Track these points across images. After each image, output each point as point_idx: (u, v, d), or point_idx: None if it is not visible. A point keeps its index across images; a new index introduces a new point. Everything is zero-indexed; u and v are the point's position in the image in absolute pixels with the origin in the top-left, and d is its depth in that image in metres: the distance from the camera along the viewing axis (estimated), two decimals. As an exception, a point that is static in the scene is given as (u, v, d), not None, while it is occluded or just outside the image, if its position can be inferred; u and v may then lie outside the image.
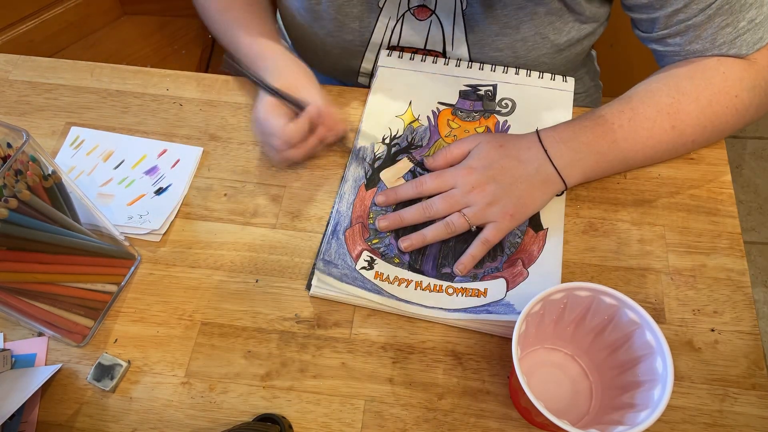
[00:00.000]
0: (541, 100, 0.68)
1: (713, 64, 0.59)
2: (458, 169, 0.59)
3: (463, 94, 0.68)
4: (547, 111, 0.67)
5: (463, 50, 0.70)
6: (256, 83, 0.61)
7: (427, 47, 0.71)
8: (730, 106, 0.59)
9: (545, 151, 0.58)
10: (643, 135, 0.59)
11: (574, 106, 0.68)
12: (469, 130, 0.66)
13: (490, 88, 0.69)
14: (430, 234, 0.58)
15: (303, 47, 0.79)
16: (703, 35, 0.58)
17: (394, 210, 0.61)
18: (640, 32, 0.64)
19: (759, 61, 0.59)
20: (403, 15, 0.68)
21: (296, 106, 0.60)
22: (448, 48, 0.70)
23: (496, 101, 0.68)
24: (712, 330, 0.55)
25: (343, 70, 0.78)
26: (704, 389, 0.52)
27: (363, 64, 0.75)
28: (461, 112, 0.67)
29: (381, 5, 0.68)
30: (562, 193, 0.61)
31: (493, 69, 0.70)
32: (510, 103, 0.68)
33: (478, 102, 0.68)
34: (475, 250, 0.57)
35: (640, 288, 0.57)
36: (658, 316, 0.55)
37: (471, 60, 0.71)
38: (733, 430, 0.50)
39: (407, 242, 0.58)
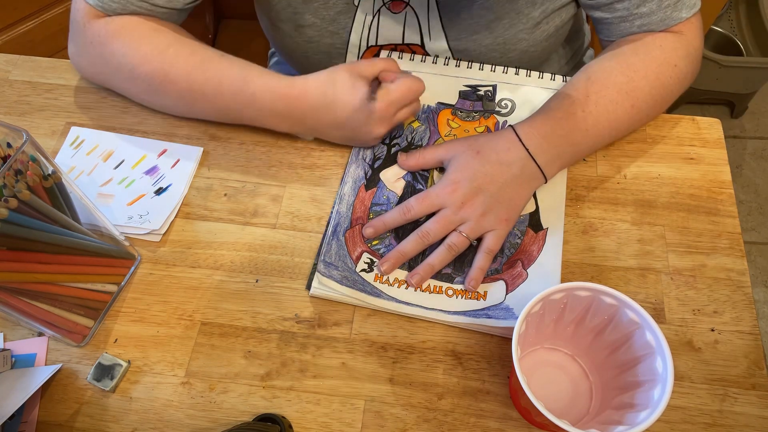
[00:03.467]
0: (541, 100, 0.68)
1: (650, 39, 0.63)
2: (442, 188, 0.58)
3: (462, 95, 0.68)
4: None
5: (441, 41, 0.70)
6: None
7: (405, 41, 0.71)
8: (673, 76, 0.62)
9: (527, 149, 0.58)
10: (609, 118, 0.61)
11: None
12: (469, 129, 0.66)
13: (490, 88, 0.69)
14: (437, 261, 0.56)
15: (287, 56, 0.78)
16: None
17: (392, 235, 0.60)
18: (586, 1, 0.66)
19: (685, 32, 0.64)
20: (379, 10, 0.68)
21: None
22: (426, 39, 0.70)
23: (496, 101, 0.68)
24: (712, 330, 0.55)
25: None
26: (704, 389, 0.52)
27: None
28: (461, 112, 0.68)
29: (356, 3, 0.68)
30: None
31: (492, 69, 0.70)
32: (510, 104, 0.68)
33: (478, 102, 0.68)
34: (481, 262, 0.56)
35: (640, 288, 0.57)
36: (658, 316, 0.55)
37: (451, 50, 0.70)
38: (733, 430, 0.50)
39: (417, 278, 0.56)
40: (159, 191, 0.63)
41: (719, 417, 0.51)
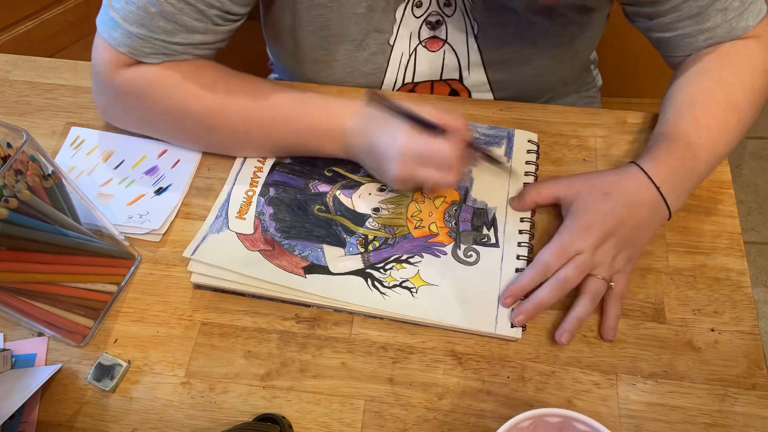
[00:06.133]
0: None
1: (733, 50, 0.61)
2: (575, 234, 0.54)
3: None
4: None
5: (480, 74, 0.68)
6: (405, 115, 0.55)
7: (444, 77, 0.69)
8: (765, 82, 0.61)
9: (658, 189, 0.55)
10: (723, 139, 0.59)
11: (574, 105, 0.68)
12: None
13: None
14: (583, 313, 0.53)
15: None
16: (711, 12, 0.59)
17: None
18: (646, 22, 0.63)
19: (761, 35, 0.61)
20: (415, 49, 0.66)
21: (432, 128, 0.55)
22: (465, 74, 0.68)
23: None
24: (712, 330, 0.55)
25: None
26: (704, 389, 0.52)
27: None
28: None
29: (392, 43, 0.66)
30: None
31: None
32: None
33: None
34: (617, 309, 0.54)
35: (640, 288, 0.57)
36: (658, 316, 0.55)
37: (490, 83, 0.68)
38: (733, 430, 0.50)
39: (566, 335, 0.53)
40: (159, 191, 0.63)
41: (719, 417, 0.51)
